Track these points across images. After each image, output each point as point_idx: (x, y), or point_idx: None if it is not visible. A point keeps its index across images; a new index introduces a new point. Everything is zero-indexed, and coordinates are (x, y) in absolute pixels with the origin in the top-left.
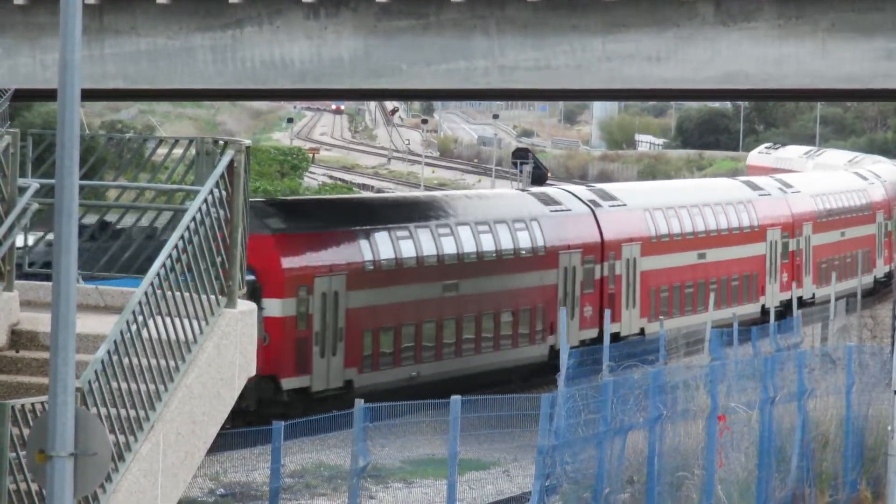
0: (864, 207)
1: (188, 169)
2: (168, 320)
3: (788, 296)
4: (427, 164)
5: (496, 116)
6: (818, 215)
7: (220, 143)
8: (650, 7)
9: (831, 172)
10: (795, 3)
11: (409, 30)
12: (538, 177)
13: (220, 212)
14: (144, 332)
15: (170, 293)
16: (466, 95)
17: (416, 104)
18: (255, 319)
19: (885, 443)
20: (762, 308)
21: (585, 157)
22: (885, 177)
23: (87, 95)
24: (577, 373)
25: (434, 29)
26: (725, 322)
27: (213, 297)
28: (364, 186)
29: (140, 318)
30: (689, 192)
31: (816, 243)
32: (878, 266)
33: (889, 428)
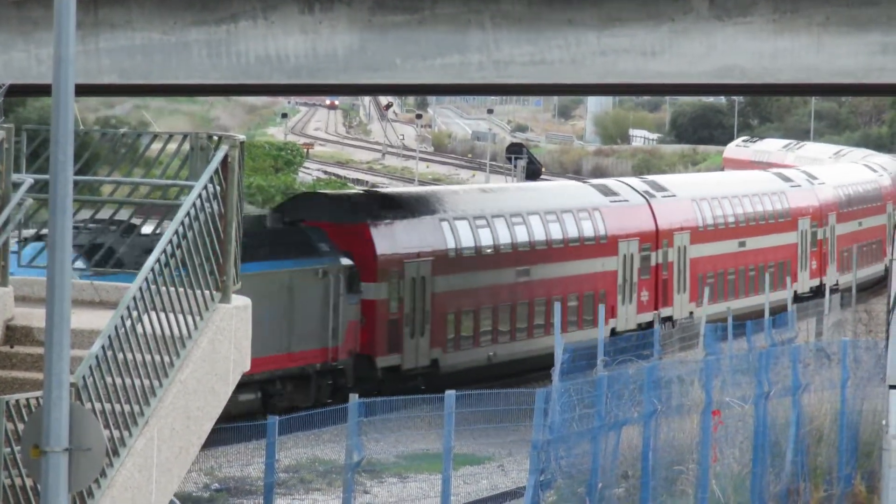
0: (876, 198)
1: (182, 164)
2: (163, 316)
3: (817, 282)
4: (421, 159)
5: (490, 111)
6: (840, 205)
7: (215, 138)
8: (645, 1)
9: (848, 165)
10: None
11: (403, 24)
12: (532, 171)
13: (215, 207)
14: (139, 328)
15: (164, 288)
16: (461, 90)
17: (411, 99)
18: (249, 314)
19: (880, 437)
20: (795, 294)
21: (580, 151)
22: (890, 169)
23: (82, 90)
24: (572, 368)
25: (429, 23)
26: (761, 308)
27: (207, 293)
28: (358, 181)
29: (135, 314)
30: (730, 184)
31: (840, 232)
32: (889, 254)
33: (883, 422)
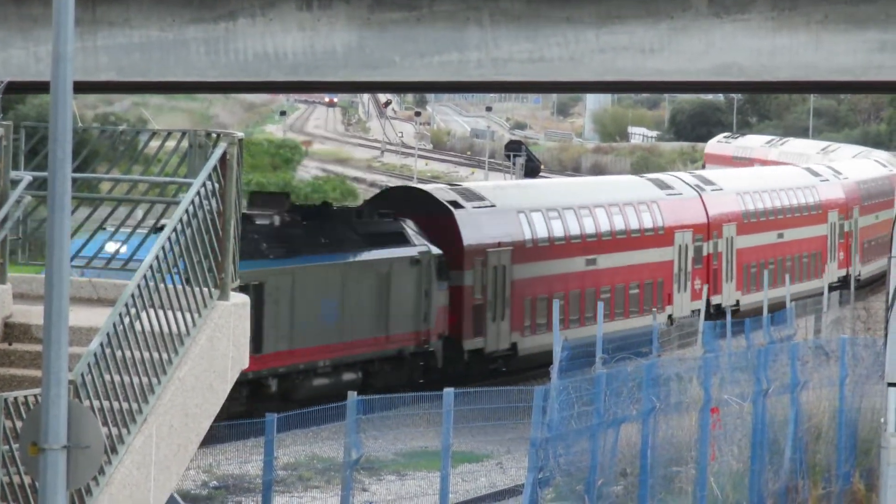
0: (888, 192)
1: (181, 161)
2: (161, 313)
3: (844, 273)
4: (420, 157)
5: (489, 109)
6: (862, 199)
7: (213, 135)
8: None
9: (862, 161)
10: None
11: (402, 22)
12: (531, 169)
13: (213, 204)
14: (137, 325)
15: (163, 286)
16: (460, 88)
17: (409, 97)
18: (247, 311)
19: (878, 435)
20: (829, 286)
21: (578, 149)
22: (889, 163)
23: (80, 88)
24: (571, 365)
25: (427, 21)
26: (800, 296)
27: (206, 290)
28: (357, 180)
29: (133, 311)
30: (768, 178)
31: (862, 225)
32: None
33: (882, 420)
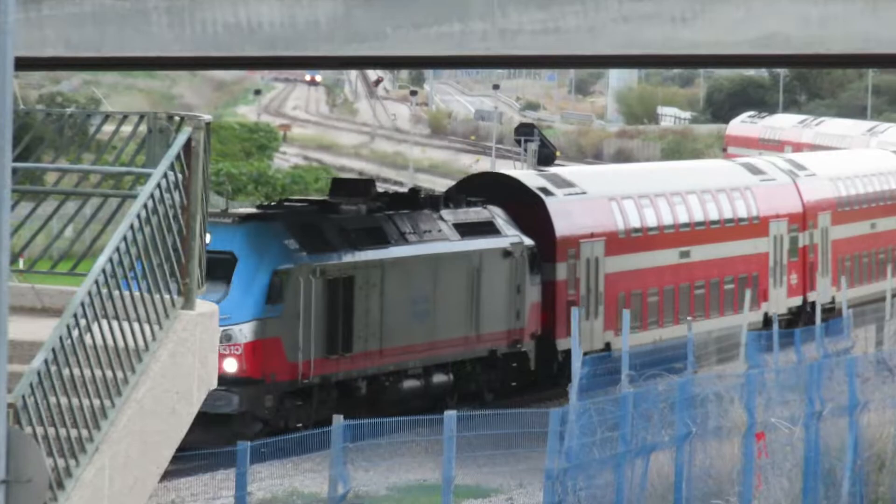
0: None
1: (139, 149)
2: (115, 324)
3: None
4: (416, 143)
5: (496, 87)
6: None
7: (177, 119)
8: None
9: None
10: None
11: None
12: (545, 156)
13: (177, 198)
14: (88, 339)
15: (117, 293)
16: (461, 63)
17: (404, 74)
18: (216, 322)
19: None
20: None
21: (600, 133)
22: None
23: (23, 64)
24: (592, 383)
25: None
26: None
27: (167, 298)
28: (343, 169)
29: (83, 322)
30: (858, 163)
31: None
32: None
33: None
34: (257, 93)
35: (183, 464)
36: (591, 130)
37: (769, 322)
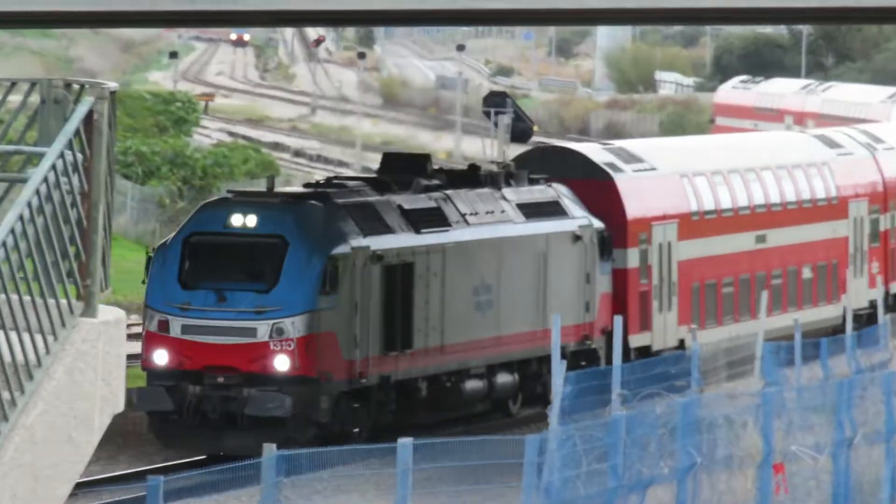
0: None
1: (29, 123)
2: (0, 335)
3: None
4: (366, 116)
5: (461, 49)
6: None
7: (75, 87)
8: None
9: None
10: None
11: None
12: (520, 131)
13: (76, 182)
14: None
15: (2, 297)
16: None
17: (350, 32)
18: (123, 331)
19: None
20: None
21: (586, 103)
22: None
23: None
24: (577, 405)
25: None
26: None
27: (64, 303)
28: (278, 147)
29: None
30: None
31: None
32: None
33: None
34: (173, 55)
35: (84, 502)
36: (576, 100)
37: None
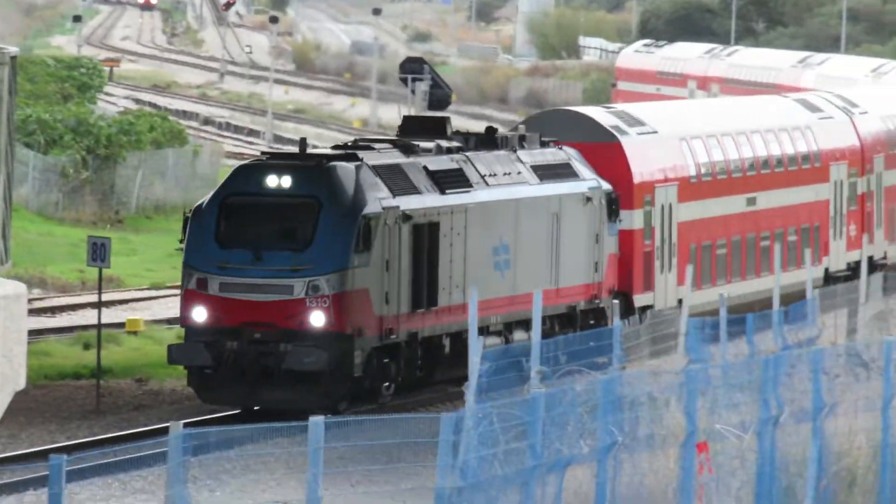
0: None
1: None
2: None
3: None
4: (277, 82)
5: (377, 12)
6: None
7: None
8: None
9: None
10: None
11: None
12: (438, 99)
13: None
14: None
15: None
16: None
17: None
18: (24, 306)
19: None
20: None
21: (507, 70)
22: None
23: None
24: (495, 382)
25: None
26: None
27: None
28: (185, 114)
29: None
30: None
31: None
32: None
33: None
34: (76, 19)
35: None
36: (496, 67)
37: (829, 279)
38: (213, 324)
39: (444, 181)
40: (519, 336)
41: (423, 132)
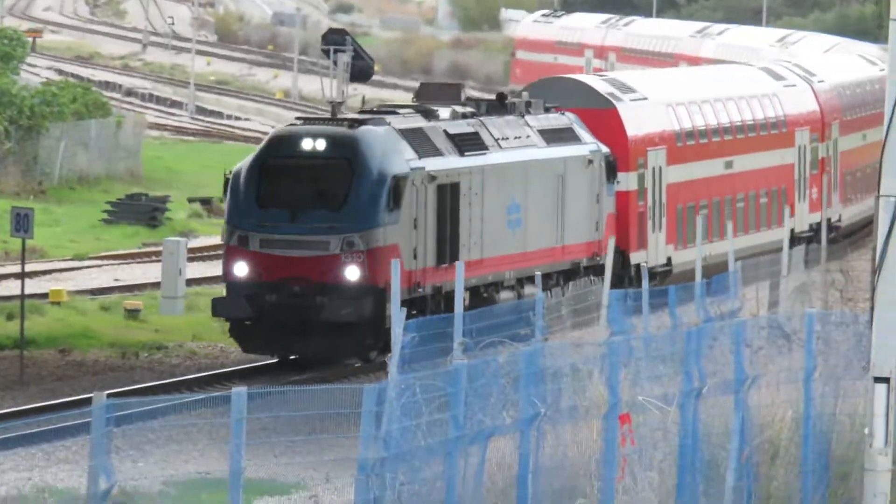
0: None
1: None
2: None
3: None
4: (199, 54)
5: None
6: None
7: None
8: None
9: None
10: None
11: None
12: (360, 70)
13: None
14: None
15: None
16: None
17: None
18: None
19: (860, 453)
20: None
21: (429, 42)
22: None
23: None
24: (418, 353)
25: None
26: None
27: None
28: (108, 85)
29: None
30: (858, 69)
31: (843, 148)
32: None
33: (865, 431)
34: None
35: None
36: (419, 39)
37: (794, 240)
38: (254, 278)
39: (463, 144)
40: (529, 290)
41: (439, 98)
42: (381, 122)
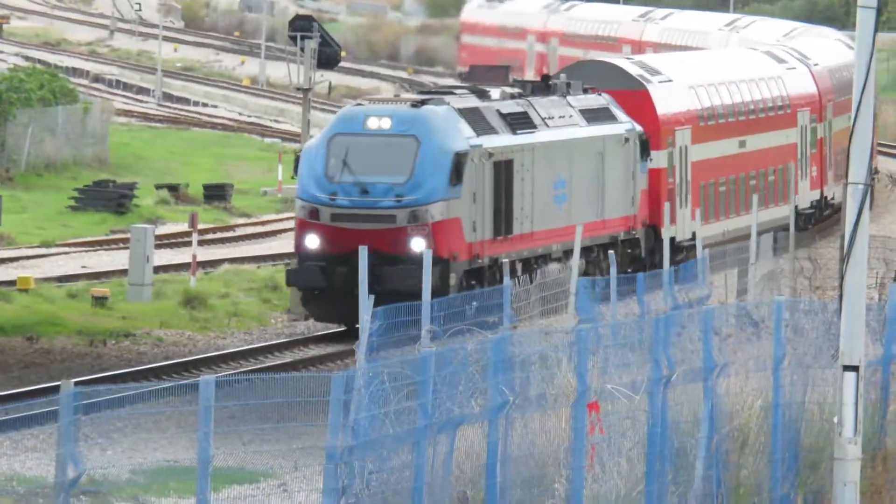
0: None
1: None
2: None
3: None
4: (166, 40)
5: None
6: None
7: None
8: None
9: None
10: None
11: None
12: (327, 57)
13: None
14: None
15: None
16: None
17: None
18: None
19: (830, 441)
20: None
21: (397, 28)
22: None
23: None
24: (385, 341)
25: None
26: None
27: None
28: (76, 71)
29: None
30: (845, 53)
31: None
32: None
33: (835, 420)
34: None
35: None
36: (386, 24)
37: (799, 216)
38: (325, 250)
39: (515, 123)
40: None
41: (487, 79)
42: (441, 102)
